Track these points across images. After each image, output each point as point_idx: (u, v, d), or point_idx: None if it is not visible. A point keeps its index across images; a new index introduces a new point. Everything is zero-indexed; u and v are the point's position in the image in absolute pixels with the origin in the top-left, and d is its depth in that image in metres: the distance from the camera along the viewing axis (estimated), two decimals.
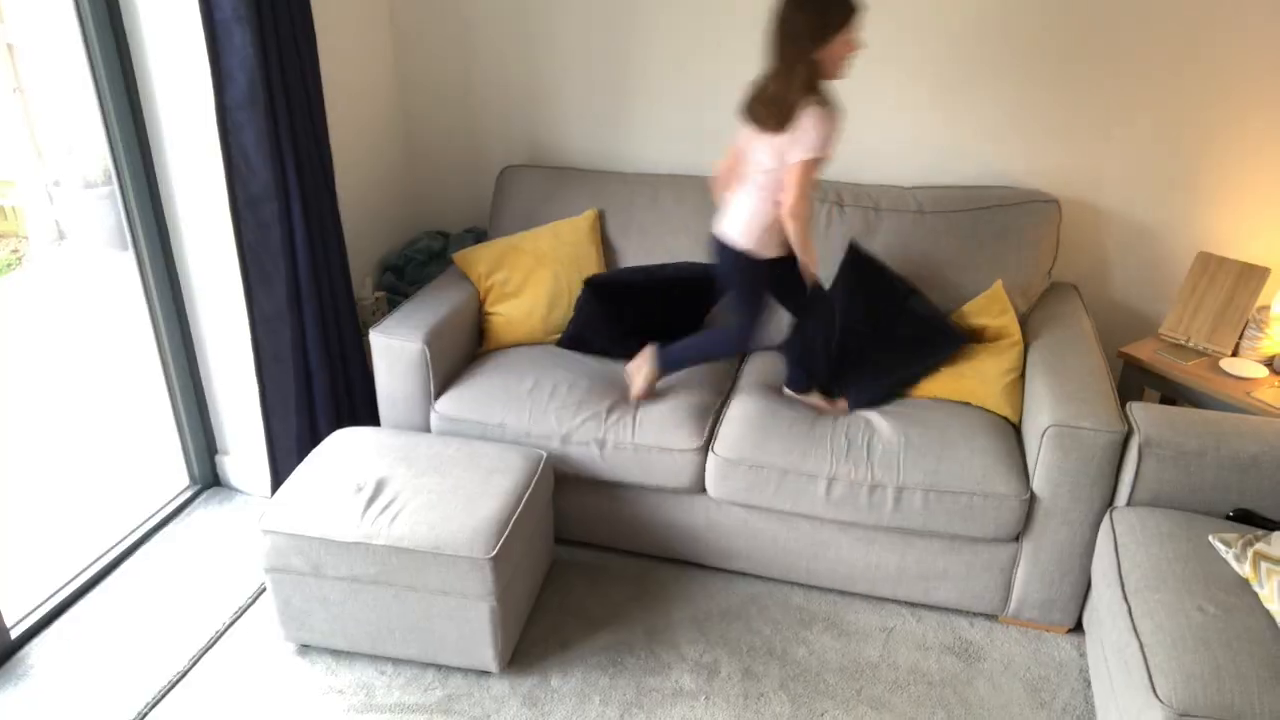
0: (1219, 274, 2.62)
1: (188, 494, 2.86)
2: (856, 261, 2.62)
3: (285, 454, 2.70)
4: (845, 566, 2.41)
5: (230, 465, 2.89)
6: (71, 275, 4.95)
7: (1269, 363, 2.54)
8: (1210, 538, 1.88)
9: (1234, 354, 2.58)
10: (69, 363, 3.91)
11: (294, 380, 2.62)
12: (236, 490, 2.91)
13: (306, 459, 2.36)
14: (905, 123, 2.84)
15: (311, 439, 2.69)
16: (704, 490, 2.42)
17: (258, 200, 2.42)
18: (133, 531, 2.68)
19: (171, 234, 2.59)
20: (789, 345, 2.51)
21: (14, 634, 2.30)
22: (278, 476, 2.72)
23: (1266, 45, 2.49)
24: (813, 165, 2.13)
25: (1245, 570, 1.76)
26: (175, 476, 2.89)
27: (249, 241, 2.46)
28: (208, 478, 2.91)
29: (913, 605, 2.45)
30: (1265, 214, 2.67)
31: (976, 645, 2.33)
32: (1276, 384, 2.46)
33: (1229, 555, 1.82)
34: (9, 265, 5.10)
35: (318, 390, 2.68)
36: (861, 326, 2.56)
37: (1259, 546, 1.77)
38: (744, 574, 2.55)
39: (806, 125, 2.09)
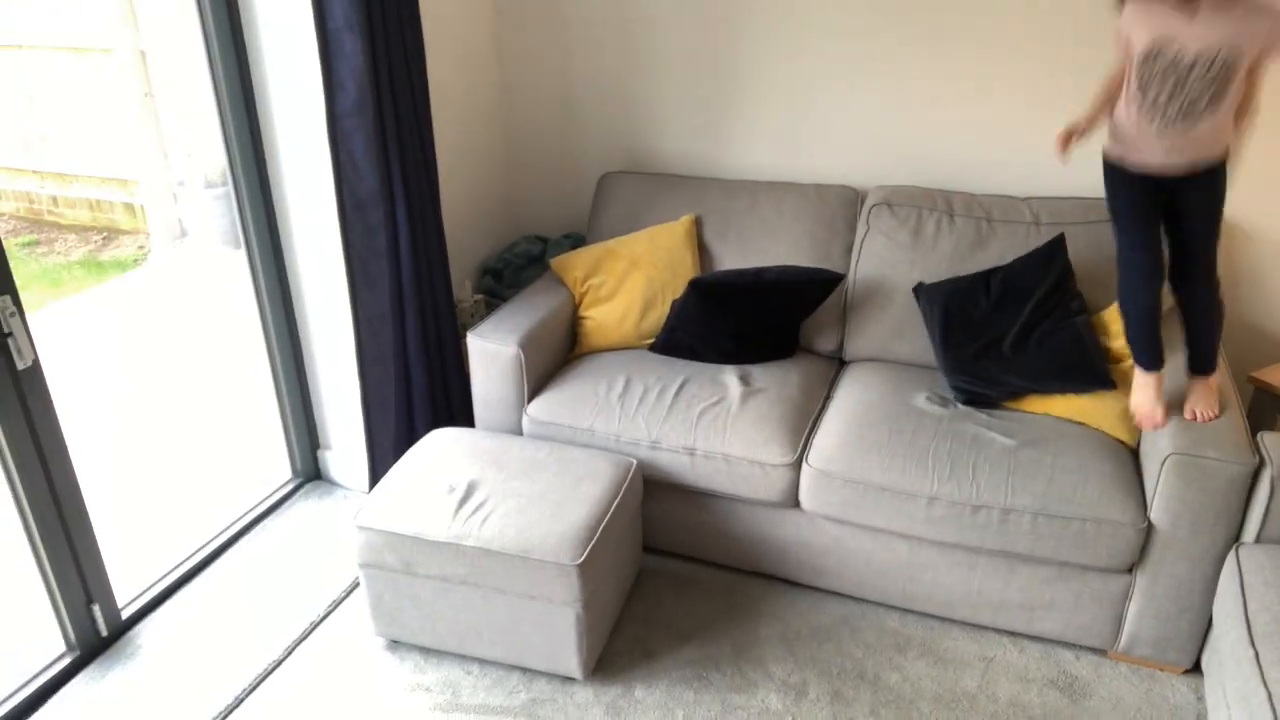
0: None
1: (290, 486, 2.95)
2: (1052, 256, 2.50)
3: (383, 451, 2.75)
4: (944, 591, 2.32)
5: (331, 460, 2.96)
6: (191, 271, 5.20)
7: None
8: None
9: None
10: (187, 354, 4.09)
11: (394, 380, 2.67)
12: (336, 485, 2.99)
13: (403, 458, 2.40)
14: (1020, 128, 2.72)
15: (409, 437, 2.74)
16: (797, 504, 2.37)
17: (364, 205, 2.48)
18: (237, 520, 2.78)
19: (282, 235, 2.67)
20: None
21: (125, 614, 2.40)
22: (375, 473, 2.78)
23: None
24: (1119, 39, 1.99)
25: None
26: (279, 469, 2.98)
27: (355, 245, 2.51)
28: (310, 471, 3.00)
29: (1015, 635, 2.34)
30: None
31: (1083, 681, 2.21)
32: None
33: None
34: (136, 260, 5.38)
35: (416, 390, 2.72)
36: (1016, 323, 2.45)
37: None
38: (836, 593, 2.48)
39: None
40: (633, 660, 2.28)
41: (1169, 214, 2.10)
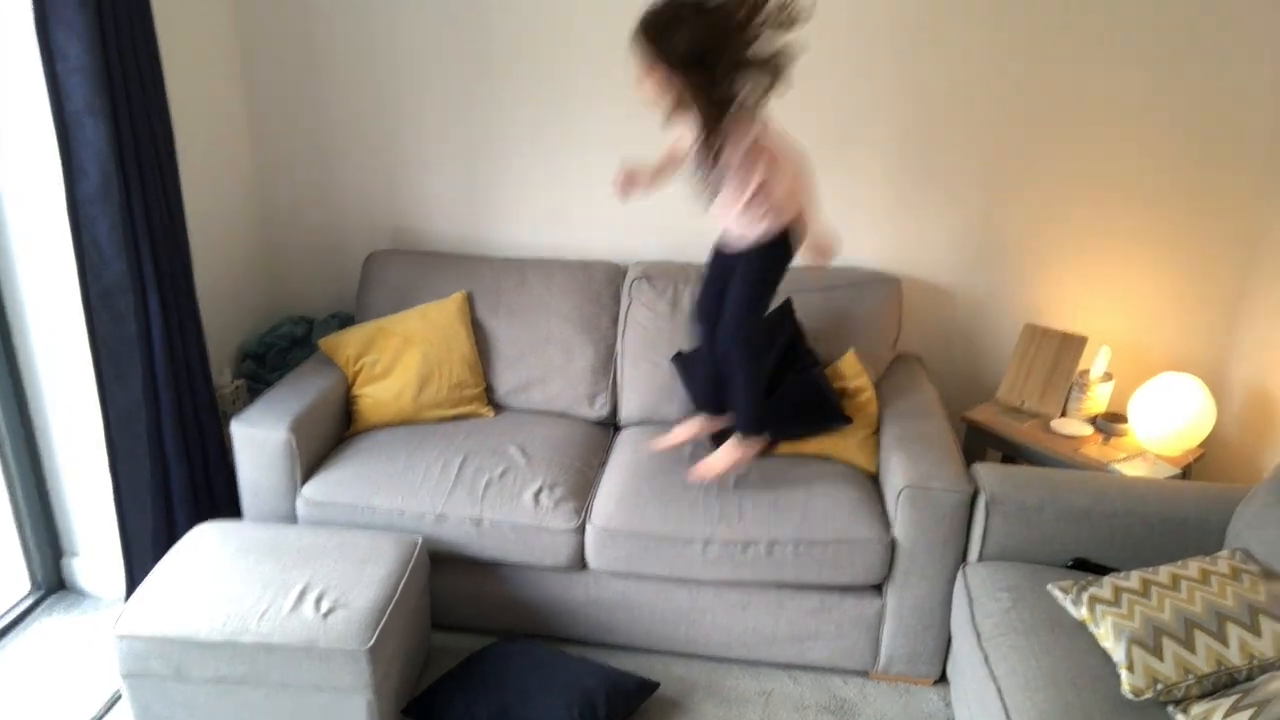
0: (1044, 343, 2.88)
1: (30, 601, 2.66)
2: (783, 319, 2.74)
3: (141, 553, 2.56)
4: (722, 632, 2.47)
5: (79, 568, 2.71)
6: None
7: (1092, 421, 2.79)
8: (1049, 586, 2.04)
9: (1062, 414, 2.82)
10: None
11: (150, 475, 2.51)
12: (86, 594, 2.73)
13: (165, 557, 2.25)
14: None
15: (169, 536, 2.57)
16: (584, 566, 2.45)
17: (111, 292, 2.35)
18: None
19: (14, 324, 2.46)
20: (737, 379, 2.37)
21: None
22: (132, 578, 2.57)
23: (1069, 147, 2.80)
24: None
25: (1082, 613, 1.92)
26: (16, 582, 2.68)
27: (103, 334, 2.37)
28: (52, 582, 2.72)
29: (788, 667, 2.52)
30: (1080, 288, 2.96)
31: (851, 703, 2.41)
32: (1100, 441, 2.70)
33: (1066, 601, 1.97)
34: None
35: (175, 484, 2.57)
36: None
37: (1092, 591, 1.93)
38: (626, 648, 2.57)
39: None
40: None
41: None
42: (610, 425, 2.94)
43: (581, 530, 2.41)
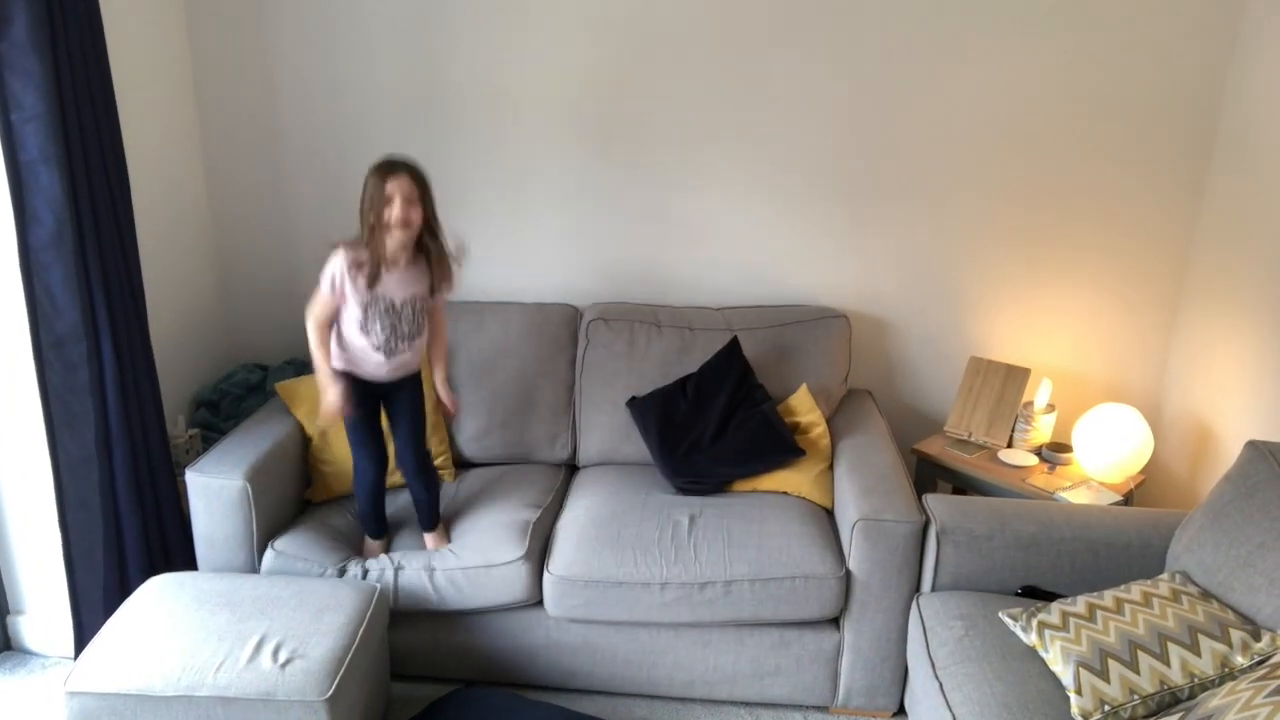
0: (989, 375, 2.97)
1: None
2: (731, 356, 2.80)
3: (91, 609, 2.51)
4: (684, 672, 2.48)
5: (26, 626, 2.65)
6: None
7: (1038, 451, 2.87)
8: (1000, 614, 2.09)
9: (1009, 445, 2.90)
10: None
11: (101, 527, 2.47)
12: (32, 654, 2.66)
13: (118, 611, 2.22)
14: (712, 251, 3.09)
15: (121, 590, 2.53)
16: (540, 603, 2.45)
17: (64, 341, 2.33)
18: None
19: None
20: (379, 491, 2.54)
21: None
22: (82, 635, 2.52)
23: (1004, 193, 2.92)
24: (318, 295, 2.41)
25: (1032, 639, 1.97)
26: None
27: (54, 383, 2.35)
28: None
29: (749, 705, 2.54)
30: (1021, 322, 3.06)
31: None
32: (1045, 470, 2.78)
33: (1017, 628, 2.03)
34: None
35: (128, 537, 2.53)
36: (713, 419, 2.72)
37: (1041, 617, 1.99)
38: (587, 691, 2.56)
39: None
40: None
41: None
42: (566, 465, 2.96)
43: (529, 559, 2.42)
